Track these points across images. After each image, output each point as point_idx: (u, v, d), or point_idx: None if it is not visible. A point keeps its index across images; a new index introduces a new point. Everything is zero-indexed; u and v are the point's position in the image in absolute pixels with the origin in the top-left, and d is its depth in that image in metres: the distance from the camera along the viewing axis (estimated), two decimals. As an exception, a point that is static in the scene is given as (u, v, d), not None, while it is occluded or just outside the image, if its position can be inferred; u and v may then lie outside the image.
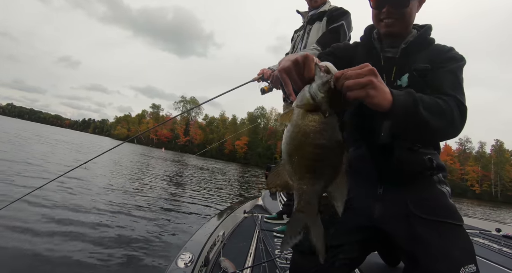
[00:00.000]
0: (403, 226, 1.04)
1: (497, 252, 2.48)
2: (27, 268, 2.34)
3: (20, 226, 3.08)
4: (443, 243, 0.97)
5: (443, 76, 1.03)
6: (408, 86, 1.07)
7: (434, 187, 1.10)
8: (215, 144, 38.85)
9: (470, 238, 1.03)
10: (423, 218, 1.02)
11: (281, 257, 1.69)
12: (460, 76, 1.05)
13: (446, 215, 1.02)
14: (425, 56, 1.09)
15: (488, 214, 16.82)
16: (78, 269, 2.45)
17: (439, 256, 0.95)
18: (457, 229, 1.01)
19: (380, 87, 0.70)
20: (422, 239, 1.00)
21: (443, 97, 0.91)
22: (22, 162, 7.37)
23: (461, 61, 1.09)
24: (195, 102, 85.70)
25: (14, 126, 36.65)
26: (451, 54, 1.10)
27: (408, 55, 1.12)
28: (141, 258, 2.85)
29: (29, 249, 2.62)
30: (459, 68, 1.07)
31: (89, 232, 3.34)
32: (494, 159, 57.56)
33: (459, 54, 1.10)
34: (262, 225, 2.27)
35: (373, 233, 1.13)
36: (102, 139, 64.25)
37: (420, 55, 1.10)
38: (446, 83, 1.01)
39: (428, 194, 1.08)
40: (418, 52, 1.11)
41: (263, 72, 1.99)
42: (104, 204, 4.81)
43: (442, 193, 1.10)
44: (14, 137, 16.32)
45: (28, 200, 3.67)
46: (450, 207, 1.06)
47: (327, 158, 0.61)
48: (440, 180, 1.13)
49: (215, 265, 1.53)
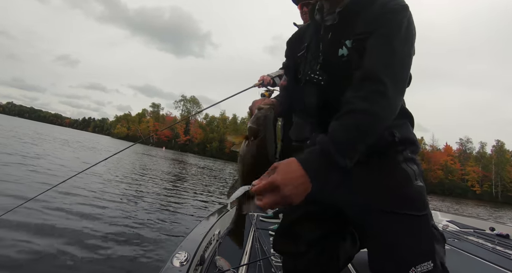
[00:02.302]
0: (353, 215, 0.99)
1: (491, 251, 2.51)
2: (16, 265, 2.35)
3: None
4: (391, 240, 0.88)
5: (370, 49, 0.86)
6: (348, 55, 0.91)
7: (395, 167, 0.92)
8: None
9: (431, 229, 0.91)
10: (371, 208, 0.91)
11: (276, 256, 1.70)
12: (395, 41, 0.84)
13: (401, 204, 0.88)
14: (367, 18, 0.90)
15: (490, 215, 16.80)
16: (73, 267, 2.46)
17: (386, 255, 0.89)
18: (413, 221, 0.88)
19: (284, 188, 0.69)
20: (370, 233, 0.94)
21: (354, 98, 0.79)
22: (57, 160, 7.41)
23: (398, 16, 0.87)
24: (195, 101, 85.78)
25: (19, 124, 36.63)
26: (388, 7, 0.88)
27: (348, 19, 0.94)
28: (137, 257, 2.87)
29: (22, 246, 2.65)
30: (394, 26, 0.86)
31: (85, 229, 3.35)
32: (494, 159, 57.42)
33: (399, 4, 0.89)
34: (258, 224, 2.29)
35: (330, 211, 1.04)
36: (104, 138, 64.28)
37: (362, 18, 0.91)
38: (370, 60, 0.84)
39: (383, 178, 0.91)
40: (359, 13, 0.92)
41: (263, 79, 2.12)
42: (100, 201, 4.84)
43: (405, 176, 0.91)
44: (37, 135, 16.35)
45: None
46: (409, 193, 0.90)
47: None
48: (406, 157, 0.93)
49: (211, 264, 1.54)
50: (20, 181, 5.08)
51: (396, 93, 0.82)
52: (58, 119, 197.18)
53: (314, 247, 1.04)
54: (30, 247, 2.64)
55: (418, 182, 0.93)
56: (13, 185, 4.75)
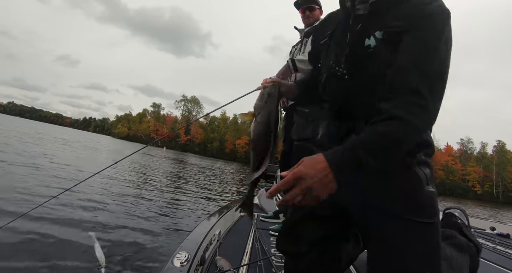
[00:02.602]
0: (358, 216, 0.97)
1: (492, 250, 2.51)
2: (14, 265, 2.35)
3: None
4: (395, 246, 0.86)
5: (407, 48, 0.82)
6: (375, 46, 0.88)
7: (407, 170, 0.87)
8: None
9: (439, 238, 0.88)
10: (377, 212, 0.89)
11: (277, 256, 1.70)
12: (435, 43, 0.80)
13: (410, 209, 0.85)
14: (401, 12, 0.86)
15: (491, 215, 16.78)
16: (73, 267, 2.46)
17: (387, 260, 0.87)
18: (421, 229, 0.85)
19: (313, 182, 0.71)
20: (374, 235, 0.92)
21: (393, 107, 0.76)
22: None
23: (439, 22, 0.82)
24: (196, 102, 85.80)
25: (20, 124, 36.71)
26: (429, 9, 0.82)
27: (380, 10, 0.91)
28: (137, 257, 2.86)
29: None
30: (434, 32, 0.81)
31: (85, 229, 3.35)
32: (495, 159, 57.29)
33: (440, 7, 0.83)
34: (258, 224, 2.29)
35: (338, 212, 1.02)
36: (105, 138, 64.34)
37: (395, 11, 0.87)
38: (404, 61, 0.80)
39: (393, 180, 0.87)
40: (394, 6, 0.89)
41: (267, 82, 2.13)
42: (99, 200, 4.84)
43: (416, 180, 0.87)
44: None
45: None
46: (419, 199, 0.87)
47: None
48: (420, 161, 0.89)
49: (211, 264, 1.55)
50: (35, 182, 5.09)
51: (435, 107, 0.79)
52: (59, 119, 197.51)
53: (316, 248, 1.03)
54: (26, 246, 2.66)
55: (430, 187, 0.89)
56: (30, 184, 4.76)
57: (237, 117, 79.32)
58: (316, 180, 0.71)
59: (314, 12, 2.44)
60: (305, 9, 2.45)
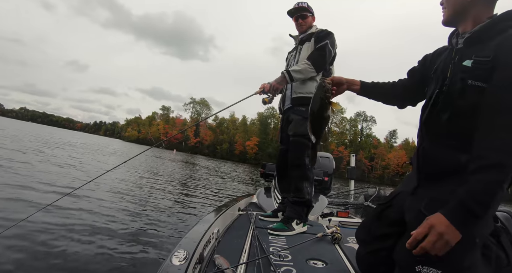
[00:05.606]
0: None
1: None
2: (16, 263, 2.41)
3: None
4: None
5: (496, 101, 0.91)
6: (470, 67, 1.00)
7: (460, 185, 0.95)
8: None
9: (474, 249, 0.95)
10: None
11: (275, 254, 1.71)
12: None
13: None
14: (490, 47, 0.97)
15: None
16: (73, 265, 2.51)
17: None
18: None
19: (442, 234, 0.86)
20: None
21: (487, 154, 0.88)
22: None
23: None
24: (205, 103, 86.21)
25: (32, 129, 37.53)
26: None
27: (472, 44, 1.05)
28: (135, 256, 2.90)
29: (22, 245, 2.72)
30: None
31: (85, 228, 3.42)
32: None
33: None
34: (257, 222, 2.30)
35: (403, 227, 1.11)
36: (115, 141, 65.24)
37: (485, 45, 0.99)
38: (497, 118, 0.89)
39: (447, 193, 0.95)
40: (482, 42, 1.01)
41: (264, 86, 2.27)
42: (99, 200, 4.92)
43: None
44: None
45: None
46: None
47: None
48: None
49: (210, 263, 1.56)
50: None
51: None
52: (70, 123, 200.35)
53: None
54: (24, 246, 2.71)
55: None
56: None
57: (246, 119, 79.63)
58: (443, 232, 0.86)
59: (307, 20, 2.52)
60: (298, 18, 2.52)
